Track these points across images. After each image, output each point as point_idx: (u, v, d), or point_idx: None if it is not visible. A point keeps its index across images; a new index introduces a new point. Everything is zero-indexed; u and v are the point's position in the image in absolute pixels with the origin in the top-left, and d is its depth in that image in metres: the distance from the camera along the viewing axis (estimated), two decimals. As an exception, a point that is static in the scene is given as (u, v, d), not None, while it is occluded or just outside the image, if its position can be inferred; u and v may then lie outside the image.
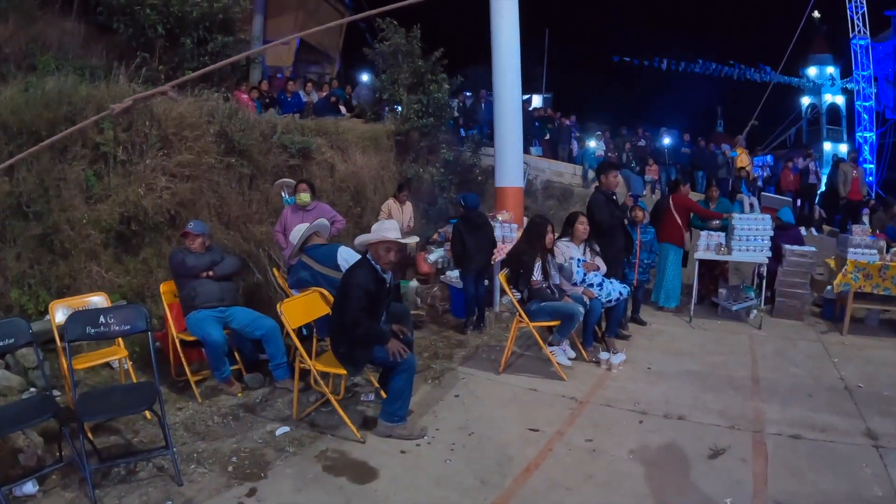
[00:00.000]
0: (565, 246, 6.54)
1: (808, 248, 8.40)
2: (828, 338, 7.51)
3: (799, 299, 8.27)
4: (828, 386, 5.82)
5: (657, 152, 16.43)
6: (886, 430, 4.77)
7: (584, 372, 6.10)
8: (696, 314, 8.14)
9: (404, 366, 4.49)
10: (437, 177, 11.30)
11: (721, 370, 6.21)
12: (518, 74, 9.48)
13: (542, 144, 16.90)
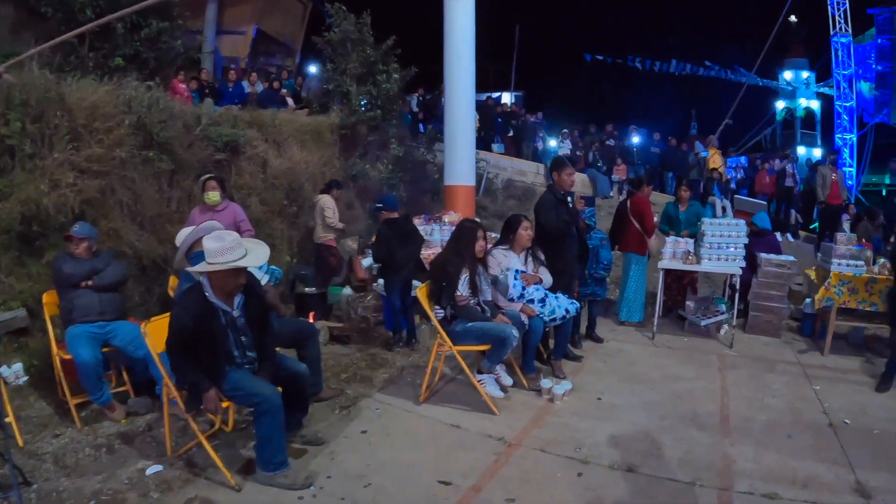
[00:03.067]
0: (503, 255, 5.62)
1: (786, 258, 7.70)
2: (808, 359, 6.75)
3: (775, 313, 7.51)
4: (810, 422, 5.04)
5: (626, 152, 15.91)
6: (880, 484, 4.03)
7: (521, 404, 5.20)
8: (661, 329, 7.38)
9: (262, 407, 3.73)
10: (384, 174, 10.64)
11: (685, 402, 5.34)
12: (471, 64, 8.87)
13: (504, 141, 16.39)
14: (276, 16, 17.48)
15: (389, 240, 6.57)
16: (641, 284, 7.60)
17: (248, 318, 3.94)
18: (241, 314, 3.91)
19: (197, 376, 3.73)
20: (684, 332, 7.53)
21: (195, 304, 3.77)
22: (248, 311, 3.95)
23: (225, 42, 16.11)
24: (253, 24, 16.73)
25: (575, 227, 6.06)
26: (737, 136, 23.86)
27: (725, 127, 17.58)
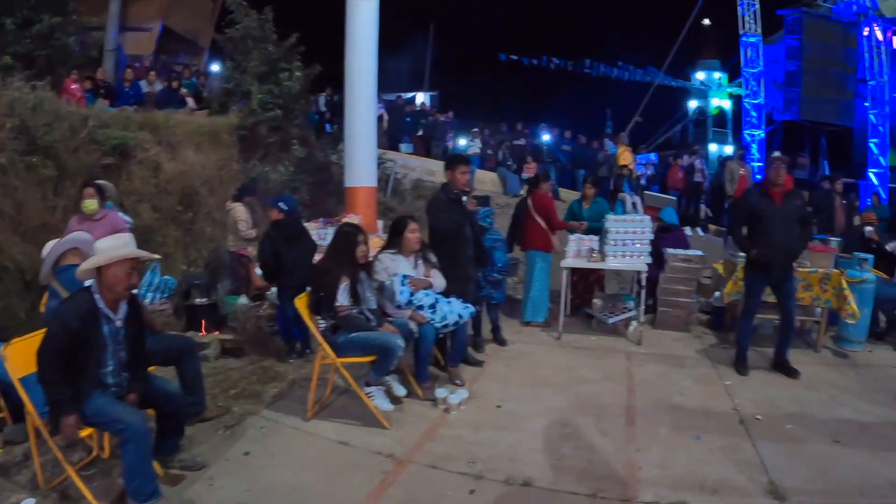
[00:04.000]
0: (390, 259, 5.27)
1: (693, 252, 7.62)
2: (718, 353, 6.64)
3: (684, 308, 7.43)
4: (720, 421, 4.90)
5: (536, 150, 15.92)
6: (795, 484, 3.90)
7: (415, 415, 4.85)
8: (568, 329, 7.17)
9: (126, 435, 3.40)
10: (286, 176, 10.30)
11: (590, 405, 5.11)
12: (374, 62, 8.61)
13: (413, 141, 16.15)
14: (183, 12, 16.99)
15: (276, 243, 6.14)
16: (546, 283, 7.39)
17: (127, 331, 3.65)
18: (124, 326, 3.63)
19: (62, 393, 3.40)
20: (592, 331, 7.33)
21: (84, 305, 3.49)
22: (129, 324, 3.64)
23: (129, 39, 15.54)
24: (159, 20, 16.28)
25: (470, 228, 5.75)
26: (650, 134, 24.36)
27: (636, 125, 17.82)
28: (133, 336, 3.67)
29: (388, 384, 4.98)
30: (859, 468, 4.21)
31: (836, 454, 4.41)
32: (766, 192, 5.90)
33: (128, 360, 3.64)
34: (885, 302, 7.23)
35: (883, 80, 16.97)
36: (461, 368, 5.60)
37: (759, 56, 17.25)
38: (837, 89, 17.09)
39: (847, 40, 16.81)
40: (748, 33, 17.00)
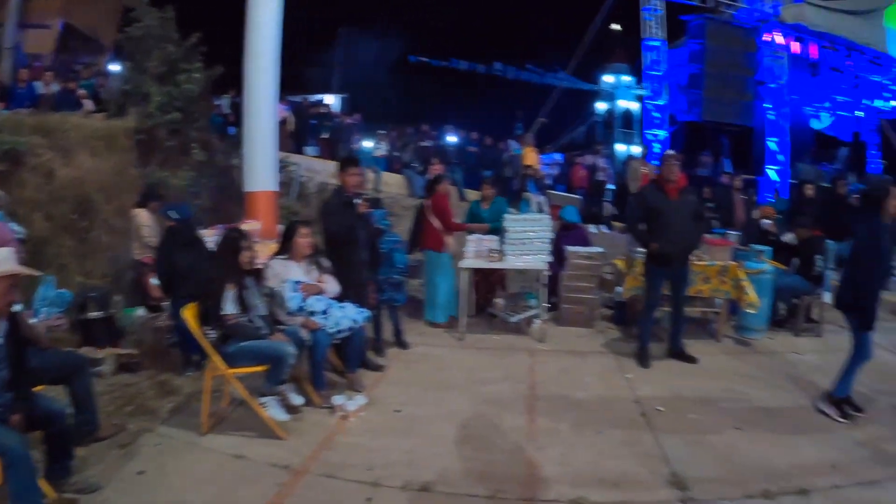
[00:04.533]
0: (281, 265, 5.10)
1: (594, 249, 7.74)
2: (621, 347, 6.74)
3: (587, 304, 7.48)
4: (621, 414, 4.95)
5: (442, 152, 15.68)
6: (697, 473, 3.98)
7: (312, 424, 4.66)
8: (472, 329, 7.10)
9: (5, 460, 3.16)
10: (185, 181, 9.73)
11: (492, 405, 5.03)
12: (274, 62, 8.26)
13: (319, 144, 15.77)
14: (86, 9, 16.09)
15: (169, 251, 5.86)
16: (446, 284, 7.30)
17: (8, 350, 3.44)
18: (5, 344, 3.43)
19: None
20: (495, 331, 7.28)
21: None
22: (10, 342, 3.41)
23: (29, 37, 14.64)
24: (60, 17, 15.46)
25: (364, 231, 5.64)
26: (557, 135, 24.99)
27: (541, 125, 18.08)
28: (15, 354, 3.42)
29: (284, 393, 4.78)
30: (761, 453, 4.31)
31: (739, 441, 4.50)
32: (661, 188, 6.06)
33: (10, 379, 3.41)
34: (783, 291, 7.53)
35: (782, 83, 17.85)
36: (361, 374, 5.44)
37: (661, 60, 17.77)
38: (738, 91, 17.82)
39: (748, 45, 17.58)
40: (651, 38, 17.52)
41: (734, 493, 3.77)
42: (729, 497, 3.72)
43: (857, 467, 4.22)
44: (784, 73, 17.98)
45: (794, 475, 4.01)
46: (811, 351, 6.82)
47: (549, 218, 7.25)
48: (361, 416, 4.76)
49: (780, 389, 5.66)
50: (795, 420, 4.98)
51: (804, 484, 3.90)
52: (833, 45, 18.52)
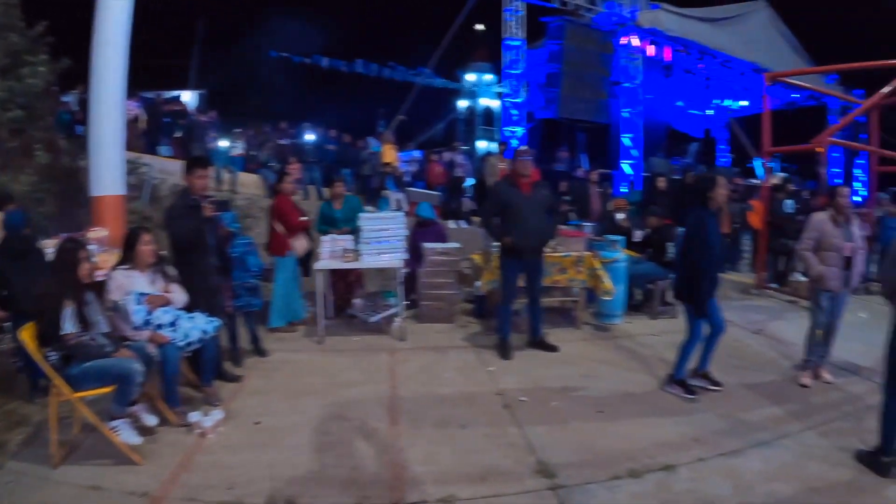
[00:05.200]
0: (124, 276, 4.72)
1: (450, 245, 7.84)
2: (482, 340, 6.85)
3: (446, 300, 7.58)
4: (485, 407, 5.01)
5: (301, 150, 15.34)
6: (563, 460, 4.10)
7: (169, 445, 4.35)
8: (331, 331, 6.94)
9: None
10: (25, 186, 8.89)
11: (354, 408, 4.94)
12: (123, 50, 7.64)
13: (172, 143, 14.93)
14: None
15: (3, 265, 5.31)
16: (290, 287, 7.09)
17: None
18: None
19: None
20: (355, 332, 7.16)
21: None
22: None
23: None
24: None
25: (213, 236, 5.35)
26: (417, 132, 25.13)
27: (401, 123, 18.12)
28: None
29: (136, 414, 4.45)
30: (625, 435, 4.50)
31: (602, 425, 4.68)
32: (514, 183, 6.22)
33: None
34: (638, 278, 8.00)
35: (637, 83, 18.88)
36: (217, 386, 5.15)
37: (521, 59, 18.24)
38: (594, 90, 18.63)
39: (605, 47, 18.42)
40: (511, 38, 17.95)
41: (601, 475, 3.90)
42: (596, 480, 3.85)
43: (718, 439, 4.52)
44: (639, 74, 19.06)
45: (659, 453, 4.23)
46: (667, 332, 7.19)
47: (404, 215, 7.26)
48: (220, 432, 4.50)
49: (639, 372, 5.98)
50: (656, 400, 5.27)
51: (669, 460, 4.12)
52: (686, 49, 19.82)
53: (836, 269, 5.65)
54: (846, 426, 4.89)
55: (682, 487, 3.84)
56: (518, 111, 18.51)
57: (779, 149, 11.47)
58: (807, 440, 4.62)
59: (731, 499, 3.78)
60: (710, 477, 3.99)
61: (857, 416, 5.00)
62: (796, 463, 4.26)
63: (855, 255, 5.72)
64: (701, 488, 3.85)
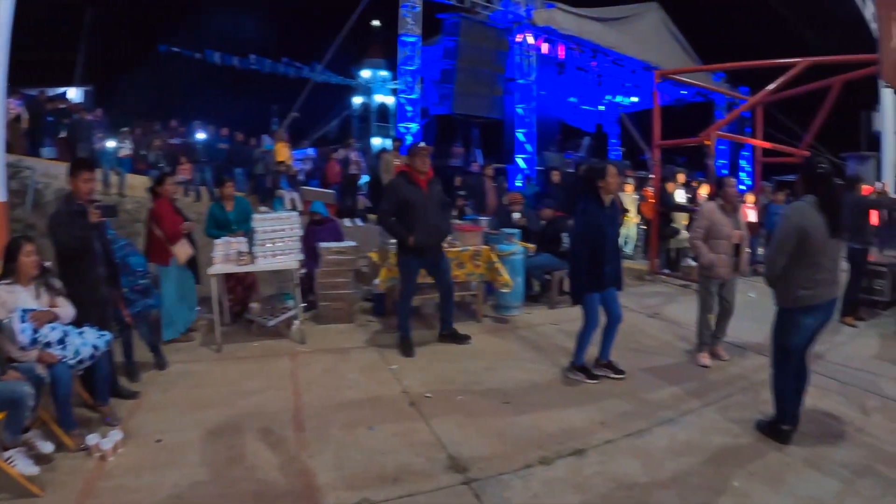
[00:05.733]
0: (6, 292, 4.40)
1: (346, 244, 7.81)
2: (384, 339, 6.89)
3: (345, 300, 7.55)
4: (391, 407, 5.01)
5: (191, 149, 14.87)
6: (474, 453, 4.17)
7: (69, 472, 4.04)
8: (228, 339, 6.76)
9: None
10: None
11: (258, 417, 4.78)
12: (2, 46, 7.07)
13: (56, 144, 14.15)
14: None
15: None
16: (178, 296, 6.76)
17: None
18: None
19: None
20: (254, 337, 6.97)
21: None
22: None
23: None
24: None
25: (101, 243, 5.05)
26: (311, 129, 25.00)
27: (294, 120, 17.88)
28: None
29: (31, 442, 4.13)
30: (533, 424, 4.62)
31: (509, 416, 4.79)
32: (412, 180, 6.25)
33: None
34: (535, 269, 8.27)
35: (531, 80, 19.28)
36: (114, 404, 4.86)
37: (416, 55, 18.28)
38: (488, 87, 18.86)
39: (500, 44, 18.63)
40: (407, 34, 17.93)
41: (513, 465, 3.99)
42: (509, 471, 3.93)
43: (624, 421, 4.74)
44: (533, 70, 19.44)
45: (568, 439, 4.38)
46: (566, 321, 7.48)
47: (298, 215, 7.14)
48: (121, 454, 4.23)
49: (541, 361, 6.15)
50: (560, 388, 5.45)
51: (578, 445, 4.28)
52: (580, 47, 20.37)
53: (726, 256, 6.01)
54: (743, 400, 5.28)
55: (592, 470, 3.99)
56: (413, 107, 18.52)
57: (668, 142, 12.03)
58: (708, 415, 4.95)
59: (642, 476, 3.94)
60: (620, 457, 4.17)
61: (752, 390, 5.41)
62: (700, 437, 4.53)
63: (743, 242, 6.12)
64: (611, 469, 4.01)
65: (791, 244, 4.24)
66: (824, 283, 4.31)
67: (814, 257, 4.25)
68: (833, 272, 4.40)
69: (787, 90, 11.24)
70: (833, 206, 4.28)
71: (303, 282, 7.29)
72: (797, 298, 4.32)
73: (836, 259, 4.43)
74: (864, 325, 8.10)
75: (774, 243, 4.40)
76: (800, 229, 4.21)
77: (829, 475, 4.04)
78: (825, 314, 4.43)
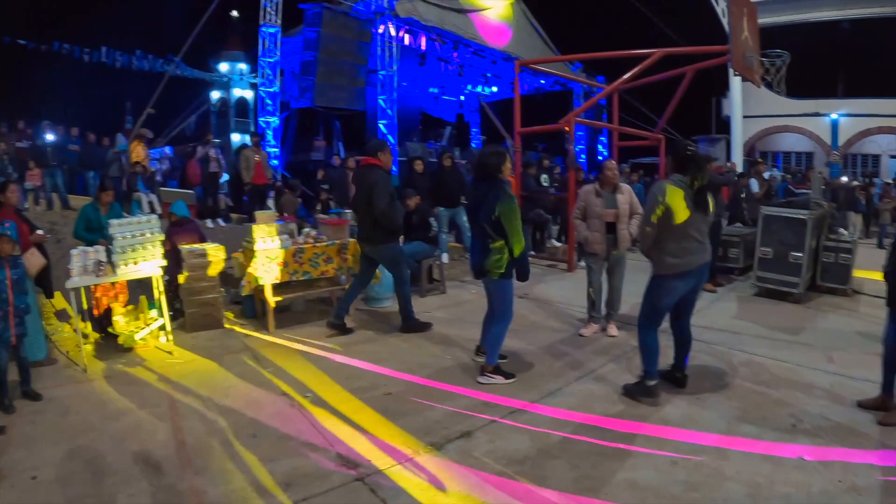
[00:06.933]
0: None
1: (210, 245, 7.51)
2: (257, 342, 6.84)
3: (213, 305, 7.27)
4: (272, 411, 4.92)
5: (40, 153, 13.64)
6: (362, 448, 4.24)
7: None
8: (101, 357, 6.31)
9: None
10: None
11: (136, 439, 4.48)
12: None
13: None
14: None
15: None
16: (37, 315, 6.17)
17: None
18: None
19: None
20: (123, 352, 6.46)
21: None
22: None
23: None
24: None
25: None
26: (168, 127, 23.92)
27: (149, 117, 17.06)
28: None
29: None
30: (419, 411, 4.81)
31: (392, 406, 4.92)
32: None
33: None
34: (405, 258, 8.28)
35: (393, 71, 19.27)
36: None
37: (276, 46, 17.88)
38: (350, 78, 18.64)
39: (362, 35, 18.43)
40: (267, 24, 17.51)
41: (404, 455, 4.07)
42: (400, 461, 4.00)
43: (507, 399, 4.99)
44: (395, 62, 19.44)
45: (454, 422, 4.55)
46: (438, 307, 7.77)
47: (158, 217, 6.83)
48: None
49: (417, 349, 6.33)
50: (442, 373, 5.61)
51: (465, 427, 4.46)
52: (441, 38, 20.50)
53: (600, 234, 6.56)
54: (618, 367, 5.82)
55: (483, 450, 4.16)
56: (273, 101, 18.13)
57: (529, 129, 12.45)
58: (586, 386, 5.37)
59: (531, 449, 4.19)
60: (507, 435, 4.39)
61: (626, 358, 6.00)
62: (583, 405, 4.91)
63: (619, 220, 6.60)
64: (501, 446, 4.20)
65: (660, 218, 4.68)
66: (693, 251, 4.81)
67: (682, 229, 4.70)
68: (701, 241, 4.86)
69: (642, 78, 11.94)
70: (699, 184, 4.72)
71: (168, 288, 7.00)
72: (670, 266, 4.80)
73: (703, 230, 4.88)
74: (722, 290, 9.07)
75: (645, 218, 4.84)
76: (667, 205, 4.64)
77: (707, 428, 4.47)
78: (697, 278, 4.96)
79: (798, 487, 3.70)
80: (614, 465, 3.97)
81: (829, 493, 3.64)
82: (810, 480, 3.77)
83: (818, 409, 4.85)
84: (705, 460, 4.03)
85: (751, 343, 6.56)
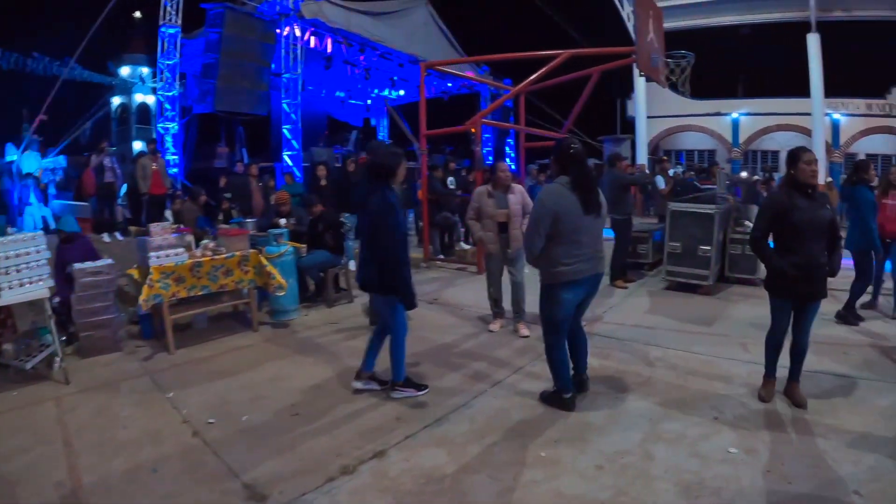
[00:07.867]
0: None
1: (102, 262, 6.97)
2: (157, 364, 6.44)
3: (108, 327, 6.78)
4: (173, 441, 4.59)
5: None
6: (271, 476, 3.99)
7: None
8: None
9: None
10: None
11: (28, 482, 4.05)
12: None
13: None
14: None
15: None
16: None
17: None
18: None
19: None
20: (12, 384, 5.90)
21: None
22: None
23: None
24: None
25: None
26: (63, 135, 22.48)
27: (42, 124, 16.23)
28: None
29: None
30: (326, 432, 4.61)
31: (300, 428, 4.70)
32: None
33: None
34: (309, 269, 8.31)
35: (297, 74, 18.92)
36: None
37: (176, 48, 17.30)
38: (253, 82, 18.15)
39: (266, 37, 17.96)
40: (167, 24, 16.90)
41: (315, 481, 3.89)
42: (311, 488, 3.82)
43: (420, 412, 4.89)
44: (300, 65, 19.10)
45: (366, 441, 4.39)
46: (346, 318, 7.70)
47: (43, 234, 6.30)
48: None
49: (326, 364, 6.14)
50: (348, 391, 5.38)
51: (377, 446, 4.31)
52: (348, 41, 20.23)
53: (493, 233, 6.75)
54: (534, 370, 5.77)
55: (398, 469, 4.02)
56: (172, 105, 17.53)
57: (436, 131, 12.46)
58: (502, 393, 5.30)
59: (449, 465, 4.06)
60: (423, 450, 4.26)
61: (541, 361, 5.53)
62: (499, 415, 4.83)
63: (511, 220, 6.75)
64: (418, 464, 4.07)
65: (545, 225, 4.52)
66: (584, 258, 4.65)
67: (571, 235, 4.55)
68: (594, 248, 4.73)
69: (549, 80, 12.12)
70: (586, 185, 4.58)
71: (59, 311, 6.56)
72: (557, 274, 4.63)
73: (596, 235, 4.76)
74: (633, 285, 9.31)
75: (530, 225, 4.68)
76: (552, 211, 4.49)
77: (629, 428, 4.50)
78: (588, 288, 4.83)
79: (728, 481, 3.77)
80: (537, 474, 3.92)
81: (758, 485, 3.71)
82: (738, 473, 3.86)
83: (738, 398, 5.02)
84: (631, 461, 4.06)
85: (666, 337, 6.72)
